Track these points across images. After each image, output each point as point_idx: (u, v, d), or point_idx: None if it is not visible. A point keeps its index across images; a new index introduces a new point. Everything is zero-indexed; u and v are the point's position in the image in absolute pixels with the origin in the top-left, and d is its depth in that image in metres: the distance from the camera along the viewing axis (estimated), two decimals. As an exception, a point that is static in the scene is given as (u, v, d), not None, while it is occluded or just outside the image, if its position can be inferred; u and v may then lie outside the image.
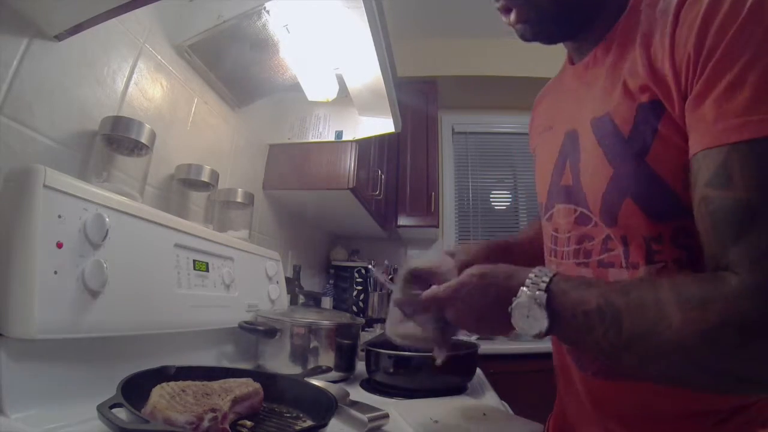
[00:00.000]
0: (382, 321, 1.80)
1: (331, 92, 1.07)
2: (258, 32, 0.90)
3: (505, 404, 0.72)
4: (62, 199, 0.48)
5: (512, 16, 0.53)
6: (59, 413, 0.44)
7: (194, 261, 0.73)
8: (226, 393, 0.45)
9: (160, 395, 0.41)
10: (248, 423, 0.46)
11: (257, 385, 0.50)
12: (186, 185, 0.90)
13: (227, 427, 0.41)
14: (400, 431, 0.51)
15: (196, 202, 0.95)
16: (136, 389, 0.41)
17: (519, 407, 0.71)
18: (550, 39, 0.55)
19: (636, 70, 0.45)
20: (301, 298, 1.25)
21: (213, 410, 0.40)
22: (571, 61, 0.60)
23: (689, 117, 0.39)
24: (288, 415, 0.52)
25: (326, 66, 1.01)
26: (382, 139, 1.86)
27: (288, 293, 1.15)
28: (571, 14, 0.52)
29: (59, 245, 0.47)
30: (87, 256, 0.50)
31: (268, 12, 0.85)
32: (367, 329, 1.65)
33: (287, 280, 1.17)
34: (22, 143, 0.56)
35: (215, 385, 0.47)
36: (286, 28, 0.89)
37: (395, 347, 0.72)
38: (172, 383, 0.44)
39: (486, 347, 0.88)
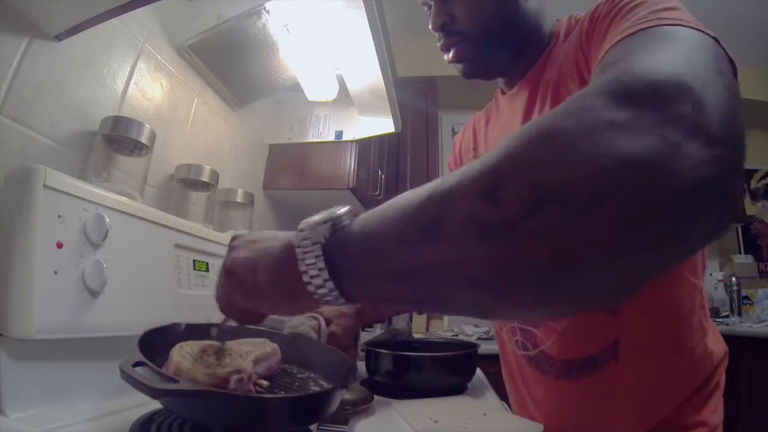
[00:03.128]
0: (383, 321, 1.80)
1: (331, 92, 1.07)
2: (258, 32, 0.90)
3: (505, 404, 0.72)
4: (62, 199, 0.48)
5: (451, 55, 0.57)
6: (59, 413, 0.44)
7: (194, 261, 0.73)
8: (246, 353, 0.44)
9: (181, 355, 0.39)
10: (264, 382, 0.45)
11: (274, 345, 0.49)
12: (186, 185, 0.90)
13: (252, 387, 0.41)
14: (400, 431, 0.51)
15: (196, 202, 0.95)
16: (150, 346, 0.39)
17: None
18: (488, 74, 0.62)
19: (568, 88, 0.51)
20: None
21: (238, 371, 0.39)
22: (503, 92, 0.66)
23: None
24: (301, 375, 0.51)
25: (326, 66, 1.01)
26: (382, 139, 1.86)
27: (288, 293, 1.15)
28: (503, 49, 0.57)
29: (59, 245, 0.47)
30: (87, 256, 0.50)
31: (268, 12, 0.85)
32: (367, 329, 1.65)
33: (287, 280, 1.16)
34: (22, 143, 0.56)
35: (232, 344, 0.46)
36: (286, 28, 0.89)
37: (395, 347, 0.72)
38: (190, 342, 0.43)
39: (486, 347, 0.88)
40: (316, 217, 0.31)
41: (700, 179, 0.20)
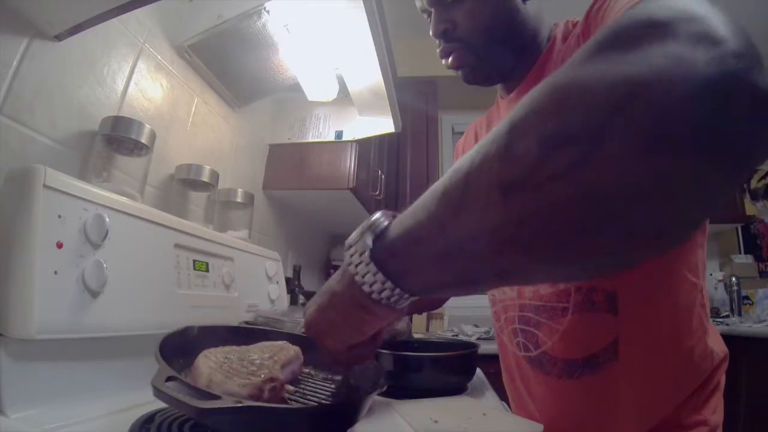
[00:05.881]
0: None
1: (331, 92, 1.07)
2: (258, 32, 0.90)
3: (505, 404, 0.72)
4: (62, 199, 0.48)
5: (450, 61, 0.58)
6: (59, 413, 0.44)
7: (194, 261, 0.73)
8: (272, 360, 0.43)
9: (210, 367, 0.39)
10: (291, 388, 0.45)
11: (297, 349, 0.48)
12: (186, 185, 0.90)
13: (284, 395, 0.41)
14: (400, 431, 0.51)
15: (196, 202, 0.95)
16: (169, 353, 0.39)
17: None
18: (487, 81, 0.62)
19: None
20: (302, 298, 1.25)
21: (272, 380, 0.39)
22: (501, 96, 0.66)
23: None
24: (317, 379, 0.51)
25: (326, 66, 1.01)
26: (382, 139, 1.86)
27: (288, 293, 1.15)
28: (503, 55, 0.58)
29: (59, 245, 0.47)
30: (87, 256, 0.50)
31: (268, 12, 0.85)
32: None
33: (287, 280, 1.17)
34: (22, 143, 0.56)
35: (255, 349, 0.45)
36: (286, 28, 0.89)
37: (395, 347, 0.72)
38: (213, 350, 0.42)
39: (486, 347, 0.88)
40: (355, 232, 0.32)
41: (710, 77, 0.17)
